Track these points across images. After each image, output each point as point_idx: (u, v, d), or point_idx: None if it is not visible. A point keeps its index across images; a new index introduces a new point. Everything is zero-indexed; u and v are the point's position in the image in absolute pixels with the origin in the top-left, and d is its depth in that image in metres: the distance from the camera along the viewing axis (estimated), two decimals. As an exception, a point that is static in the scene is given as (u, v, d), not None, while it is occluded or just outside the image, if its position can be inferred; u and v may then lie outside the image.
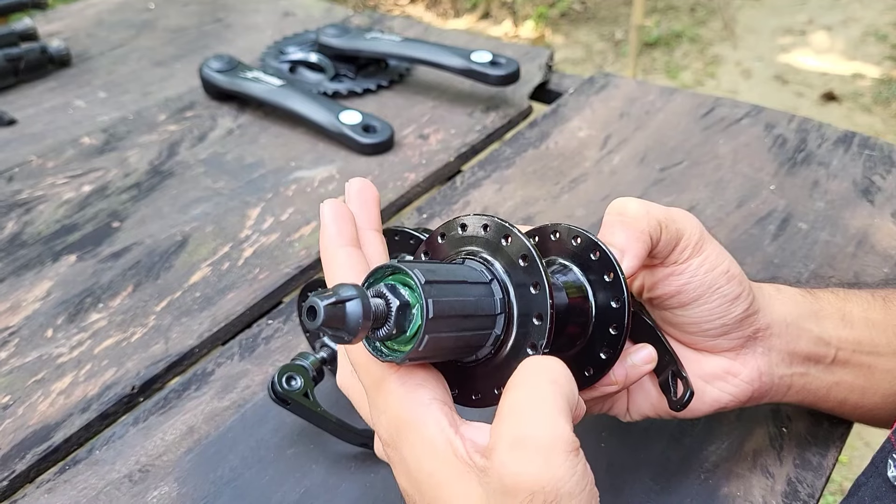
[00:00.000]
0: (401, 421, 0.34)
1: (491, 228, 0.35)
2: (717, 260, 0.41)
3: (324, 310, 0.28)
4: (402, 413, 0.33)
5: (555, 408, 0.31)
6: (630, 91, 0.89)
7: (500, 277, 0.34)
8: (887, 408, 0.47)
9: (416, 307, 0.31)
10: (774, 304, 0.43)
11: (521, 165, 0.78)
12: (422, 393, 0.34)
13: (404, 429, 0.33)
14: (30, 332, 0.61)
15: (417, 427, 0.33)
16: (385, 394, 0.34)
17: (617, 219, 0.39)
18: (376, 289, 0.32)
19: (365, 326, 0.29)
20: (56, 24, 1.11)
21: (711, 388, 0.43)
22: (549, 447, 0.30)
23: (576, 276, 0.39)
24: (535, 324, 0.33)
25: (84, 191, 0.77)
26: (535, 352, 0.33)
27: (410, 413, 0.33)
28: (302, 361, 0.50)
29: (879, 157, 0.76)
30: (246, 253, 0.69)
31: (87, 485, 0.50)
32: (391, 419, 0.34)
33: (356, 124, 0.81)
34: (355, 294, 0.29)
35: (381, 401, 0.34)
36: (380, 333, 0.31)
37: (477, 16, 3.49)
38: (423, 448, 0.33)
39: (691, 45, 3.22)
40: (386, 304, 0.31)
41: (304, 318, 0.29)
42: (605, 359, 0.38)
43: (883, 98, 2.80)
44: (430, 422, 0.33)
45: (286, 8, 1.14)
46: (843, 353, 0.45)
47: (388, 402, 0.34)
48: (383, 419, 0.35)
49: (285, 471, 0.50)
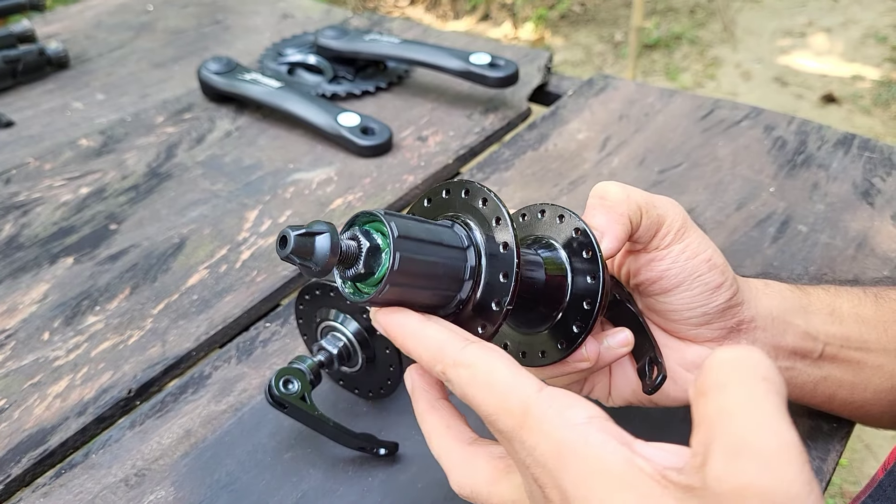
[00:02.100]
0: (560, 447, 0.29)
1: (470, 192, 0.36)
2: (699, 248, 0.41)
3: (294, 239, 0.31)
4: (560, 438, 0.29)
5: (776, 407, 0.25)
6: (629, 93, 0.89)
7: (476, 244, 0.35)
8: (879, 404, 0.47)
9: (386, 251, 0.33)
10: (761, 297, 0.44)
11: (519, 167, 0.78)
12: (576, 410, 0.29)
13: (567, 457, 0.28)
14: (26, 335, 0.61)
15: (583, 450, 0.28)
16: (531, 426, 0.30)
17: (598, 202, 0.40)
18: (352, 232, 0.34)
19: (332, 260, 0.31)
20: (54, 25, 1.11)
21: (693, 377, 0.44)
22: (781, 455, 0.24)
23: (557, 254, 0.40)
24: (502, 281, 0.34)
25: (81, 193, 0.77)
26: (499, 308, 0.34)
27: (571, 436, 0.29)
28: (299, 365, 0.50)
29: (879, 160, 0.76)
30: (244, 255, 0.68)
31: (83, 489, 0.50)
32: (547, 450, 0.29)
33: (355, 126, 0.81)
34: (325, 229, 0.32)
35: (529, 436, 0.30)
36: (349, 273, 0.33)
37: (476, 17, 3.49)
38: (595, 475, 0.28)
39: (691, 46, 3.22)
40: (358, 245, 0.33)
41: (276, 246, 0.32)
42: (577, 332, 0.39)
43: (883, 100, 2.80)
44: (597, 440, 0.28)
45: (285, 10, 1.14)
46: (831, 349, 0.45)
47: (541, 432, 0.29)
48: (537, 455, 0.29)
49: (282, 475, 0.50)
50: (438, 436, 0.37)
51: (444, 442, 0.37)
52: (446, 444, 0.36)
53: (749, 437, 0.25)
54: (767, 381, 0.26)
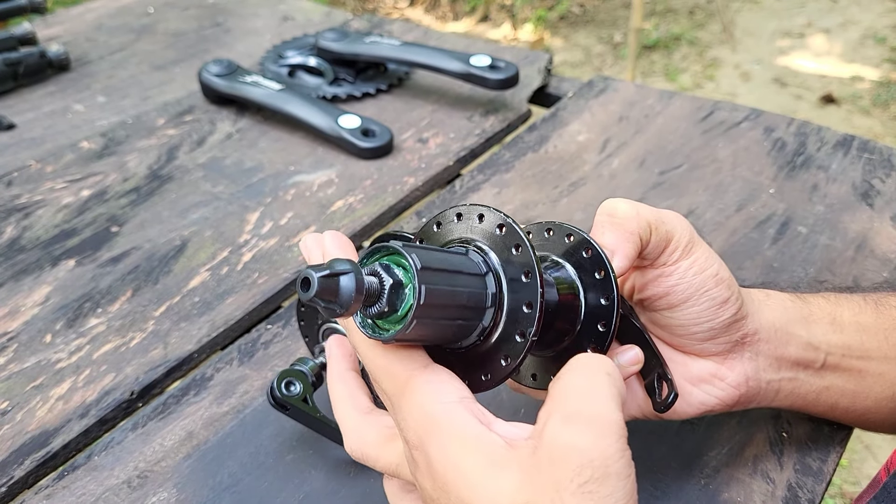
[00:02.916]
0: (429, 419, 0.33)
1: (486, 218, 0.35)
2: (707, 263, 0.41)
3: (318, 281, 0.29)
4: (430, 410, 0.33)
5: (610, 394, 0.31)
6: (629, 95, 0.89)
7: (494, 269, 0.35)
8: (880, 411, 0.47)
9: (409, 287, 0.32)
10: (763, 309, 0.44)
11: (520, 169, 0.78)
12: (449, 390, 0.34)
13: (433, 427, 0.33)
14: (28, 338, 0.61)
15: (447, 422, 0.33)
16: (410, 395, 0.34)
17: (607, 219, 0.40)
18: (371, 267, 0.32)
19: (357, 301, 0.30)
20: (55, 28, 1.11)
21: (698, 391, 0.44)
22: (603, 425, 0.30)
23: (567, 273, 0.39)
24: (525, 311, 0.34)
25: (83, 195, 0.77)
26: (524, 339, 0.34)
27: (439, 409, 0.33)
28: (301, 367, 0.50)
29: (879, 161, 0.76)
30: (245, 257, 0.68)
31: (85, 491, 0.50)
32: (418, 419, 0.33)
33: (355, 128, 0.81)
34: (349, 268, 0.30)
35: (406, 403, 0.34)
36: (371, 311, 0.32)
37: (476, 19, 3.49)
38: (453, 442, 0.32)
39: (690, 47, 3.22)
40: (379, 282, 0.32)
41: (297, 289, 0.30)
42: None
43: (882, 100, 2.81)
44: (459, 416, 0.33)
45: (285, 12, 1.14)
46: (833, 358, 0.45)
47: (415, 402, 0.34)
48: (410, 421, 0.34)
49: (284, 476, 0.50)
50: (341, 402, 0.41)
51: (345, 408, 0.41)
52: (346, 411, 0.41)
53: (582, 408, 0.31)
54: (609, 375, 0.32)
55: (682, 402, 0.43)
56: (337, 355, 0.43)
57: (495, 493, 0.31)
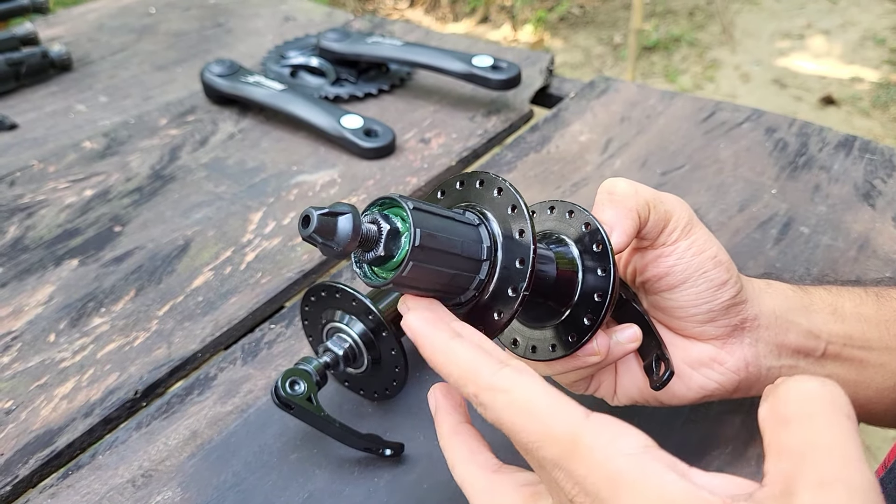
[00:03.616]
0: (612, 480, 0.28)
1: (486, 183, 0.37)
2: (705, 244, 0.42)
3: (317, 218, 0.31)
4: (615, 468, 0.28)
5: (859, 449, 0.26)
6: (631, 95, 0.89)
7: (489, 226, 0.36)
8: (881, 402, 0.47)
9: (405, 235, 0.33)
10: (763, 296, 0.44)
11: (522, 169, 0.78)
12: (628, 442, 0.28)
13: (620, 487, 0.27)
14: (32, 337, 0.61)
15: (638, 481, 0.27)
16: (581, 454, 0.28)
17: (606, 197, 0.41)
18: (371, 215, 0.34)
19: (353, 240, 0.32)
20: (57, 28, 1.11)
21: (698, 374, 0.44)
22: (865, 492, 0.25)
23: (569, 249, 0.41)
24: (518, 267, 0.35)
25: (86, 195, 0.77)
26: (516, 294, 0.34)
27: (627, 464, 0.28)
28: (305, 366, 0.50)
29: (880, 161, 0.76)
30: (248, 257, 0.69)
31: (90, 490, 0.50)
32: (600, 481, 0.28)
33: (358, 128, 0.81)
34: (348, 210, 0.32)
35: (578, 465, 0.29)
36: (368, 256, 0.34)
37: (476, 20, 3.49)
38: (653, 500, 0.27)
39: (690, 48, 3.22)
40: (378, 228, 0.33)
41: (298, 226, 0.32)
42: (588, 324, 0.39)
43: (881, 102, 2.81)
44: (654, 471, 0.27)
45: (287, 12, 1.15)
46: (834, 347, 0.45)
47: (593, 462, 0.28)
48: (588, 485, 0.28)
49: (289, 475, 0.50)
50: (462, 462, 0.36)
51: (468, 469, 0.36)
52: (471, 472, 0.36)
53: (841, 473, 0.25)
54: (851, 419, 0.26)
55: (681, 385, 0.44)
56: (447, 407, 0.38)
57: None
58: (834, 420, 0.26)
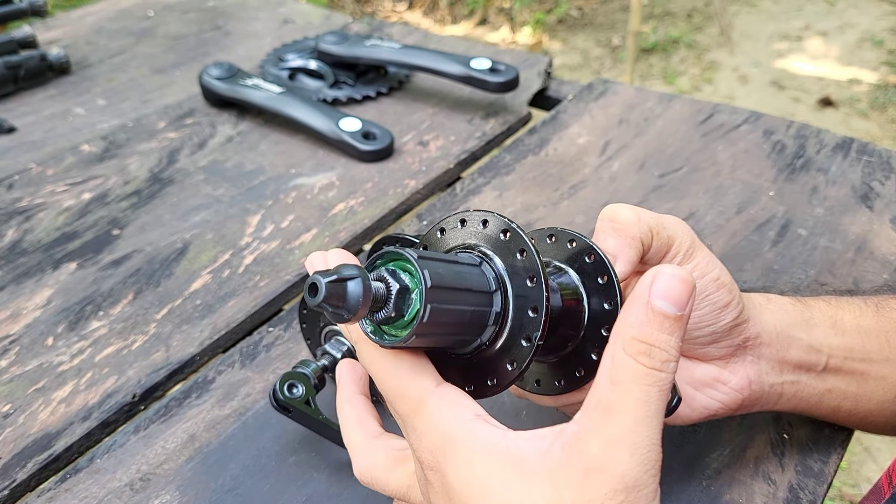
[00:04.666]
0: (447, 438, 0.32)
1: (490, 224, 0.36)
2: (708, 267, 0.41)
3: (325, 287, 0.29)
4: (448, 429, 0.33)
5: (657, 421, 0.31)
6: (629, 97, 0.89)
7: (498, 273, 0.35)
8: (882, 414, 0.47)
9: (416, 292, 0.32)
10: (764, 313, 0.44)
11: (520, 172, 0.78)
12: (465, 408, 0.33)
13: (450, 445, 0.32)
14: (30, 341, 0.61)
15: (468, 440, 0.32)
16: (425, 415, 0.33)
17: (609, 225, 0.40)
18: (377, 273, 0.32)
19: (364, 306, 0.30)
20: (55, 31, 1.11)
21: (701, 395, 0.44)
22: (646, 455, 0.30)
23: (570, 279, 0.39)
24: (531, 316, 0.34)
25: (84, 198, 0.77)
26: (530, 344, 0.34)
27: (458, 427, 0.32)
28: (303, 369, 0.50)
29: (878, 163, 0.76)
30: (246, 260, 0.69)
31: (87, 493, 0.50)
32: (435, 439, 0.33)
33: (356, 131, 0.81)
34: (356, 273, 0.30)
35: (420, 423, 0.34)
36: (378, 316, 0.32)
37: (474, 22, 3.49)
38: (477, 458, 0.32)
39: (688, 50, 3.23)
40: (386, 287, 0.32)
41: (305, 294, 0.30)
42: (596, 359, 0.39)
43: (879, 103, 2.82)
44: (482, 432, 0.32)
45: (285, 15, 1.15)
46: (835, 361, 0.45)
47: (431, 422, 0.33)
48: (425, 441, 0.33)
49: (287, 479, 0.50)
50: (350, 426, 0.41)
51: (353, 432, 0.41)
52: (355, 435, 0.40)
53: (627, 435, 0.30)
54: (661, 391, 0.31)
55: (685, 406, 0.44)
56: (347, 379, 0.43)
57: None
58: (643, 391, 0.31)
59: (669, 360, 0.31)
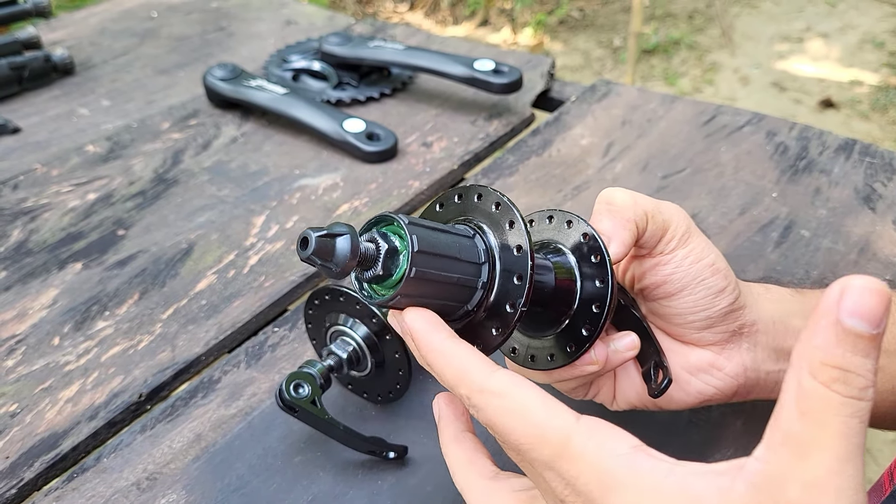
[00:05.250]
0: (606, 477, 0.29)
1: (483, 197, 0.37)
2: (703, 252, 0.42)
3: (315, 240, 0.31)
4: (606, 467, 0.29)
5: (857, 454, 0.27)
6: (632, 99, 0.90)
7: (487, 242, 0.36)
8: (881, 404, 0.48)
9: (404, 253, 0.34)
10: (762, 301, 0.44)
11: (524, 173, 0.79)
12: (620, 441, 0.30)
13: (611, 486, 0.29)
14: (36, 340, 0.62)
15: (631, 477, 0.29)
16: (572, 456, 0.30)
17: (605, 207, 0.41)
18: (369, 234, 0.34)
19: (352, 261, 0.32)
20: (59, 32, 1.11)
21: (696, 380, 0.44)
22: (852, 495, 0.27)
23: (566, 258, 0.41)
24: (515, 283, 0.35)
25: (89, 199, 0.78)
26: (514, 310, 0.35)
27: (618, 464, 0.29)
28: (309, 369, 0.50)
29: (880, 165, 0.77)
30: (251, 261, 0.69)
31: (94, 492, 0.50)
32: (591, 481, 0.29)
33: (360, 132, 0.82)
34: (346, 231, 0.32)
35: (569, 467, 0.30)
36: (367, 275, 0.34)
37: (475, 23, 3.50)
38: (644, 499, 0.28)
39: (689, 52, 3.23)
40: (376, 247, 0.34)
41: (297, 248, 0.32)
42: (586, 335, 0.40)
43: (881, 105, 2.82)
44: (646, 468, 0.29)
45: (288, 16, 1.15)
46: None
47: (584, 462, 0.30)
48: (579, 485, 0.30)
49: (293, 478, 0.51)
50: (462, 469, 0.38)
51: (467, 475, 0.38)
52: (470, 478, 0.38)
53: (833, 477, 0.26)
54: (860, 421, 0.28)
55: (680, 391, 0.44)
56: (448, 416, 0.40)
57: None
58: (843, 424, 0.27)
59: (868, 387, 0.28)
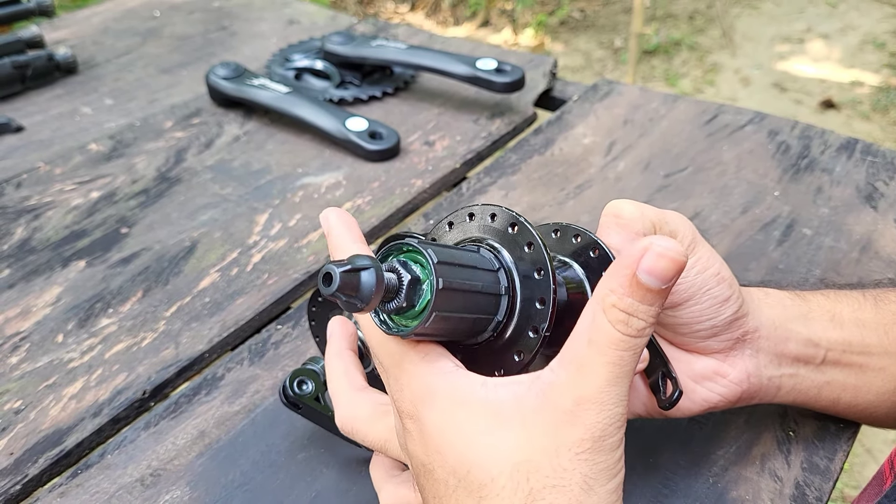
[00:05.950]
0: (427, 389, 0.34)
1: (498, 218, 0.36)
2: (709, 262, 0.42)
3: (339, 276, 0.30)
4: (428, 381, 0.34)
5: (622, 379, 0.33)
6: (634, 98, 0.90)
7: (506, 266, 0.36)
8: (882, 405, 0.48)
9: (427, 283, 0.33)
10: (763, 307, 0.44)
11: (526, 172, 0.79)
12: (445, 362, 0.35)
13: (430, 394, 0.34)
14: (41, 338, 0.62)
15: (447, 388, 0.34)
16: (408, 367, 0.35)
17: (612, 220, 0.41)
18: (389, 263, 0.33)
19: (377, 296, 0.31)
20: (62, 31, 1.12)
21: (701, 388, 0.45)
22: (612, 408, 0.32)
23: (575, 273, 0.40)
24: (538, 308, 0.34)
25: (92, 197, 0.78)
26: (537, 335, 0.34)
27: (439, 378, 0.34)
28: (312, 366, 0.51)
29: (882, 164, 0.77)
30: (254, 258, 0.69)
31: (99, 489, 0.50)
32: (416, 390, 0.35)
33: (362, 131, 0.82)
34: (370, 264, 0.31)
35: (403, 374, 0.35)
36: (389, 306, 0.33)
37: (476, 24, 3.50)
38: (454, 405, 0.34)
39: (690, 52, 3.23)
40: (398, 277, 0.32)
41: (319, 283, 0.31)
42: None
43: (881, 106, 2.82)
44: (461, 381, 0.34)
45: (290, 16, 1.15)
46: (833, 354, 0.46)
47: (413, 374, 0.35)
48: (406, 392, 0.35)
49: (296, 475, 0.51)
50: (337, 378, 0.43)
51: (340, 384, 0.43)
52: (340, 386, 0.43)
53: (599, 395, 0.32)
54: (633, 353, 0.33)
55: (685, 399, 0.44)
56: (337, 334, 0.45)
57: (493, 450, 0.32)
58: (616, 356, 0.32)
59: (646, 328, 0.32)
